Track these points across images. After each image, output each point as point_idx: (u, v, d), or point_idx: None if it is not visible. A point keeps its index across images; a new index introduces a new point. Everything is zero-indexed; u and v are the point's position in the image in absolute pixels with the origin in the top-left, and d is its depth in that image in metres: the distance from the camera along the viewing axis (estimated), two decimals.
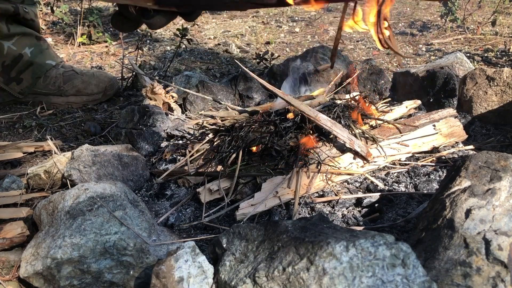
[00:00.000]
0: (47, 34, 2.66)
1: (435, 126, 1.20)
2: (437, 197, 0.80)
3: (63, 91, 1.69)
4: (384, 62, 2.19)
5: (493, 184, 0.74)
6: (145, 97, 1.46)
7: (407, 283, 0.59)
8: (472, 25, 2.69)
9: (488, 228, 0.67)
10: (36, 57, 1.66)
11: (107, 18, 3.05)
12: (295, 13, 3.33)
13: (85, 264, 0.76)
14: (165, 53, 2.47)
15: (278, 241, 0.68)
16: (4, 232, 0.89)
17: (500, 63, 2.08)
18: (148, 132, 1.29)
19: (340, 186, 1.07)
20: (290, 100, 1.10)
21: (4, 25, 1.59)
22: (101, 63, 2.27)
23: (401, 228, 0.93)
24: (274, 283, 0.62)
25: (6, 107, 1.70)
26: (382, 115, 1.27)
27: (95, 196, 0.84)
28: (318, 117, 1.09)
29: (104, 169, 1.08)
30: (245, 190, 1.05)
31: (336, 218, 0.97)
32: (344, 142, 1.09)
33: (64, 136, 1.49)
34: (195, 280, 0.68)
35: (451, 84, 1.41)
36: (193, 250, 0.71)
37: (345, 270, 0.60)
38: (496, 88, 1.32)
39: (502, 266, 0.64)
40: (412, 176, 1.09)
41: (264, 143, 1.09)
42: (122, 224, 0.81)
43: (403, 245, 0.62)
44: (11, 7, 1.58)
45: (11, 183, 1.08)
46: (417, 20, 2.94)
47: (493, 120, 1.33)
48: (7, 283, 0.82)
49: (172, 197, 1.10)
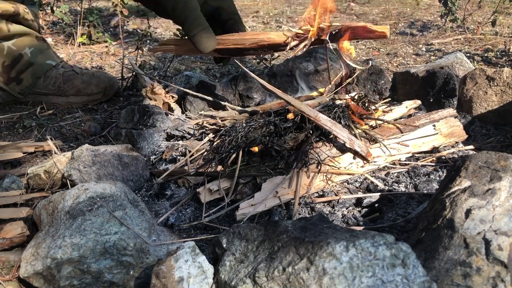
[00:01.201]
0: (47, 34, 2.66)
1: (435, 126, 1.20)
2: (437, 197, 0.80)
3: (63, 91, 1.69)
4: (384, 62, 2.19)
5: (493, 184, 0.74)
6: (145, 97, 1.46)
7: (407, 283, 0.59)
8: (472, 25, 2.69)
9: (488, 228, 0.67)
10: (36, 57, 1.66)
11: (107, 18, 3.05)
12: (294, 14, 3.33)
13: (85, 264, 0.76)
14: (165, 53, 2.47)
15: (278, 241, 0.68)
16: (4, 232, 0.89)
17: (500, 63, 2.08)
18: (148, 132, 1.29)
19: (340, 186, 1.07)
20: (289, 100, 1.10)
21: (4, 25, 1.59)
22: (101, 63, 2.27)
23: (401, 228, 0.93)
24: (274, 283, 0.62)
25: (6, 107, 1.70)
26: (382, 115, 1.28)
27: (95, 196, 0.84)
28: (318, 117, 1.09)
29: (104, 169, 1.08)
30: (245, 190, 1.05)
31: (336, 218, 0.97)
32: (344, 142, 1.09)
33: (64, 136, 1.49)
34: (195, 280, 0.68)
35: (451, 84, 1.40)
36: (193, 250, 0.71)
37: (345, 270, 0.60)
38: (496, 88, 1.32)
39: (502, 266, 0.64)
40: (412, 176, 1.09)
41: (264, 143, 1.09)
42: (122, 224, 0.81)
43: (403, 245, 0.62)
44: (11, 7, 1.58)
45: (11, 183, 1.08)
46: (417, 20, 2.94)
47: (493, 120, 1.33)
48: (7, 283, 0.82)
49: (172, 197, 1.10)
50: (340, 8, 3.40)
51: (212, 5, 1.26)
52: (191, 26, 1.17)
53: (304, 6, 3.58)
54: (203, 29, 1.16)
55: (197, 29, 1.16)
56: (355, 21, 1.12)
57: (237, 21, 1.29)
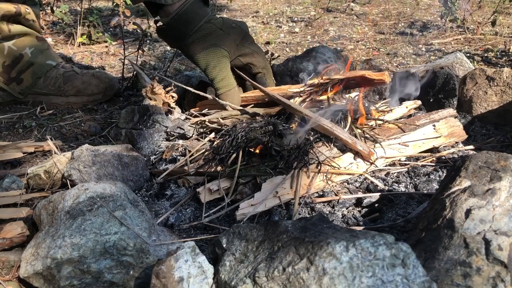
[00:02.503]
0: (47, 34, 2.66)
1: (435, 126, 1.20)
2: (437, 197, 0.80)
3: (63, 91, 1.69)
4: (384, 62, 2.19)
5: (493, 184, 0.74)
6: (145, 97, 1.46)
7: (407, 283, 0.59)
8: (472, 25, 2.69)
9: (488, 228, 0.67)
10: (36, 58, 1.66)
11: (107, 18, 3.05)
12: (294, 14, 3.33)
13: (85, 264, 0.76)
14: (165, 53, 2.47)
15: (278, 241, 0.68)
16: (4, 232, 0.89)
17: (500, 63, 2.08)
18: (148, 132, 1.29)
19: (340, 186, 1.07)
20: (288, 103, 1.10)
21: (5, 25, 1.59)
22: (101, 63, 2.27)
23: (401, 228, 0.93)
24: (274, 283, 0.62)
25: (6, 107, 1.70)
26: (382, 115, 1.27)
27: (95, 196, 0.84)
28: (319, 118, 1.09)
29: (104, 169, 1.08)
30: (245, 190, 1.05)
31: (336, 218, 0.97)
32: (345, 143, 1.09)
33: (64, 136, 1.49)
34: (195, 280, 0.68)
35: (451, 84, 1.40)
36: (193, 250, 0.71)
37: (345, 270, 0.60)
38: (496, 88, 1.32)
39: (502, 266, 0.64)
40: (412, 176, 1.09)
41: (264, 143, 1.09)
42: (122, 224, 0.81)
43: (403, 245, 0.62)
44: (13, 8, 1.58)
45: (11, 183, 1.08)
46: (417, 20, 2.94)
47: (493, 120, 1.33)
48: (7, 283, 0.82)
49: (172, 197, 1.10)
50: (340, 8, 3.40)
51: (243, 61, 1.41)
52: (218, 85, 1.34)
53: (304, 6, 3.58)
54: (230, 90, 1.33)
55: (223, 89, 1.33)
56: (354, 71, 1.22)
57: (265, 74, 1.43)
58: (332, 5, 3.46)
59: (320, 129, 1.10)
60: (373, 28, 2.85)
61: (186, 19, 1.31)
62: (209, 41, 1.33)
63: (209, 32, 1.33)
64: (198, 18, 1.32)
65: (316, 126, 1.10)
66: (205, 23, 1.33)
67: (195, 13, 1.32)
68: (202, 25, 1.33)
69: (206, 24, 1.33)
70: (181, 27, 1.32)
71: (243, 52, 1.39)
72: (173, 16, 1.31)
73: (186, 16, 1.31)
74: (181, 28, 1.32)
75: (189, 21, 1.32)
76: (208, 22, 1.34)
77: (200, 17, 1.33)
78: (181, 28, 1.32)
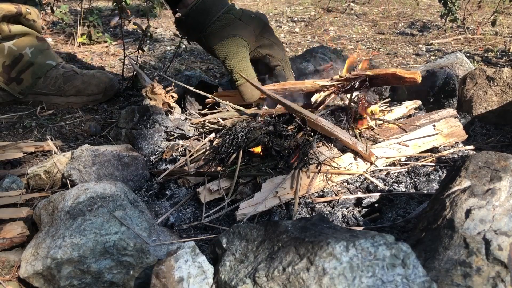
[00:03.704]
0: (47, 34, 2.66)
1: (435, 126, 1.20)
2: (437, 197, 0.80)
3: (63, 91, 1.69)
4: (384, 62, 2.19)
5: (493, 184, 0.74)
6: (145, 97, 1.46)
7: (407, 283, 0.59)
8: (472, 25, 2.69)
9: (488, 228, 0.67)
10: (36, 58, 1.66)
11: (107, 18, 3.05)
12: (294, 14, 3.33)
13: (85, 264, 0.76)
14: (165, 53, 2.47)
15: (278, 241, 0.68)
16: (4, 232, 0.89)
17: (500, 63, 2.08)
18: (148, 132, 1.29)
19: (340, 186, 1.07)
20: (289, 104, 1.10)
21: (5, 25, 1.59)
22: (101, 63, 2.27)
23: (401, 228, 0.93)
24: (274, 283, 0.62)
25: (6, 107, 1.70)
26: (382, 115, 1.27)
27: (95, 196, 0.84)
28: (319, 119, 1.09)
29: (104, 169, 1.08)
30: (245, 190, 1.05)
31: (336, 218, 0.97)
32: (346, 143, 1.09)
33: (64, 136, 1.49)
34: (195, 280, 0.68)
35: (451, 84, 1.41)
36: (193, 250, 0.71)
37: (345, 270, 0.60)
38: (496, 88, 1.32)
39: (502, 266, 0.64)
40: (412, 176, 1.09)
41: (264, 143, 1.09)
42: (122, 224, 0.81)
43: (403, 245, 0.62)
44: (14, 8, 1.58)
45: (11, 183, 1.08)
46: (417, 20, 2.94)
47: (493, 120, 1.33)
48: (7, 283, 0.82)
49: (172, 197, 1.10)
50: (340, 8, 3.40)
51: (262, 52, 1.38)
52: (237, 76, 1.30)
53: (304, 6, 3.58)
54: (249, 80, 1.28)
55: (242, 80, 1.29)
56: (385, 68, 1.16)
57: (284, 67, 1.40)
58: (332, 5, 3.46)
59: (320, 130, 1.10)
60: (373, 28, 2.85)
61: (205, 9, 1.29)
62: (228, 32, 1.30)
63: (228, 22, 1.31)
64: (216, 8, 1.30)
65: (315, 126, 1.09)
66: (224, 13, 1.31)
67: (213, 3, 1.30)
68: (221, 16, 1.31)
69: (225, 15, 1.31)
70: (199, 17, 1.30)
71: (262, 43, 1.36)
72: (192, 7, 1.29)
73: (204, 6, 1.29)
74: (200, 19, 1.30)
75: (208, 11, 1.30)
76: (227, 12, 1.32)
77: (218, 8, 1.31)
78: (200, 19, 1.30)
